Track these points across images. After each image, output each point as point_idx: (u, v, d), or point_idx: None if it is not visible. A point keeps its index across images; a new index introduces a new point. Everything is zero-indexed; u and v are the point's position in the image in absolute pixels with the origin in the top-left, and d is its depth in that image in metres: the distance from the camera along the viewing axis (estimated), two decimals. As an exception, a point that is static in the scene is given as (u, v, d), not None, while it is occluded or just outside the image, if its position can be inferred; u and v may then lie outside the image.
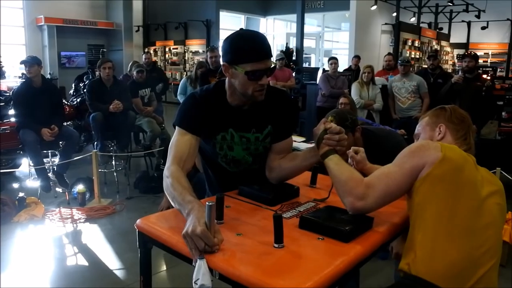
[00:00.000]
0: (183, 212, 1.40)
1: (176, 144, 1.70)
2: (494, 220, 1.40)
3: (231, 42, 1.66)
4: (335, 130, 1.60)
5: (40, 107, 4.71)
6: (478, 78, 5.37)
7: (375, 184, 1.45)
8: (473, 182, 1.42)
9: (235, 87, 1.72)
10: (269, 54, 1.65)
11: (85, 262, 3.49)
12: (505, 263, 3.42)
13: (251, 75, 1.63)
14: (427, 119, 1.72)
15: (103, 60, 5.38)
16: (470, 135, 1.64)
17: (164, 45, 14.40)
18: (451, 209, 1.37)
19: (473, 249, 1.33)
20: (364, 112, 5.79)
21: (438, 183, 1.39)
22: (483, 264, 1.33)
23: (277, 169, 1.84)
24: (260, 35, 1.69)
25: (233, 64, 1.65)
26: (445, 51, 12.92)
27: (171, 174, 1.59)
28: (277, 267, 1.24)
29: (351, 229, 1.39)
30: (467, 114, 1.72)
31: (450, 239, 1.35)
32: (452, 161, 1.41)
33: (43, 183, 4.81)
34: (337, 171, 1.53)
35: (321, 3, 13.75)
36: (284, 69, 7.61)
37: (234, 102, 1.78)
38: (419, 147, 1.49)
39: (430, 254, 1.35)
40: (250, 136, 1.83)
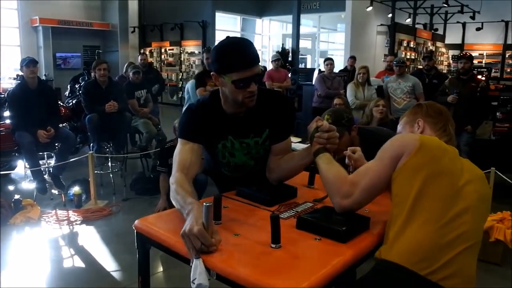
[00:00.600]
0: (184, 213, 1.42)
1: (179, 153, 1.75)
2: (470, 206, 1.41)
3: (217, 52, 1.70)
4: (325, 128, 1.64)
5: (35, 109, 4.69)
6: (473, 79, 5.40)
7: (359, 181, 1.49)
8: (450, 170, 1.44)
9: (226, 95, 1.75)
10: (254, 61, 1.67)
11: (81, 264, 3.48)
12: (501, 262, 3.45)
13: (238, 83, 1.66)
14: (405, 118, 1.76)
15: (98, 61, 5.37)
16: (449, 126, 1.67)
17: (160, 46, 14.39)
18: (423, 197, 1.39)
19: (443, 233, 1.35)
20: (359, 113, 5.80)
21: (413, 173, 1.42)
22: (454, 248, 1.34)
23: (277, 169, 1.87)
24: (245, 43, 1.70)
25: (220, 73, 1.69)
26: (440, 52, 12.98)
27: (175, 181, 1.62)
28: (275, 267, 1.25)
29: (347, 230, 1.40)
30: (444, 107, 1.77)
31: (420, 224, 1.37)
32: (429, 150, 1.44)
33: (39, 185, 4.79)
34: (325, 171, 1.58)
35: (317, 4, 13.78)
36: (280, 70, 7.62)
37: (230, 110, 1.81)
38: (397, 138, 1.54)
39: (399, 238, 1.37)
40: (250, 141, 1.86)
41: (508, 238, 3.43)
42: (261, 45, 16.34)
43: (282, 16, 14.68)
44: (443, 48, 13.21)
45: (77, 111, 6.14)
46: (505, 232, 3.44)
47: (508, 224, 3.57)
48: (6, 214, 4.25)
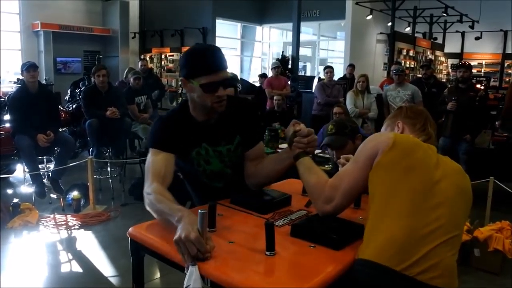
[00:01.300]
0: (173, 220, 1.40)
1: (152, 164, 1.70)
2: (448, 199, 1.40)
3: (186, 57, 1.72)
4: (304, 133, 1.65)
5: (35, 113, 4.71)
6: (471, 88, 5.42)
7: (338, 185, 1.51)
8: (424, 164, 1.43)
9: (195, 100, 1.76)
10: (222, 66, 1.69)
11: (79, 269, 3.48)
12: (499, 271, 3.45)
13: (206, 87, 1.67)
14: (387, 121, 1.77)
15: (97, 67, 5.39)
16: (428, 126, 1.66)
17: (160, 52, 14.41)
18: (396, 192, 1.39)
19: (418, 227, 1.34)
20: (359, 121, 5.82)
21: (386, 170, 1.42)
22: (430, 242, 1.33)
23: (254, 175, 1.88)
24: (213, 48, 1.73)
25: (189, 78, 1.70)
26: (440, 60, 13.02)
27: (153, 190, 1.58)
28: (269, 275, 1.26)
29: (342, 237, 1.41)
30: (424, 109, 1.78)
31: (393, 219, 1.36)
32: (401, 145, 1.44)
33: (37, 189, 4.79)
34: (305, 176, 1.60)
35: (317, 12, 13.83)
36: (279, 77, 7.65)
37: (199, 117, 1.81)
38: (371, 138, 1.54)
39: (373, 236, 1.36)
40: (222, 149, 1.86)
41: (507, 248, 3.43)
42: (261, 53, 16.38)
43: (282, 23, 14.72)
44: (442, 57, 13.26)
45: (77, 115, 6.16)
46: (504, 242, 3.44)
47: (507, 233, 3.57)
48: (4, 218, 4.25)
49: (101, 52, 13.20)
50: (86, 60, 13.05)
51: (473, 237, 3.49)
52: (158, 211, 1.51)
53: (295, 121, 1.70)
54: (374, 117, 5.88)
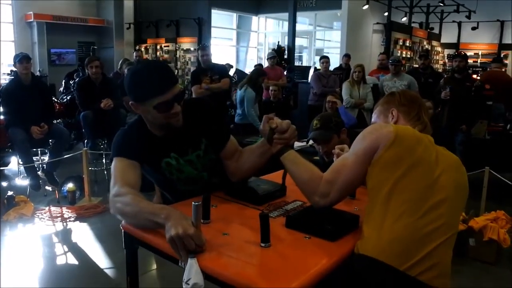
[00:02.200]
0: (157, 219, 1.35)
1: (119, 170, 1.62)
2: (448, 196, 1.39)
3: (131, 81, 1.64)
4: (283, 129, 1.59)
5: (29, 105, 4.66)
6: (468, 78, 5.41)
7: (335, 179, 1.47)
8: (426, 161, 1.41)
9: (151, 121, 1.70)
10: (172, 83, 1.62)
11: (75, 262, 3.47)
12: (494, 261, 3.46)
13: (160, 108, 1.60)
14: (379, 107, 1.72)
15: (90, 58, 5.34)
16: (422, 114, 1.63)
17: (156, 42, 14.31)
18: (399, 190, 1.37)
19: (421, 226, 1.33)
20: (355, 111, 5.81)
21: (389, 166, 1.39)
22: (433, 240, 1.33)
23: (237, 171, 1.83)
24: (159, 65, 1.69)
25: (139, 102, 1.63)
26: (436, 51, 12.99)
27: (128, 192, 1.51)
28: (264, 267, 1.25)
29: (337, 228, 1.40)
30: (417, 94, 1.74)
31: (397, 217, 1.34)
32: (403, 142, 1.41)
33: (32, 181, 4.77)
34: (296, 171, 1.55)
35: (313, 2, 13.75)
36: (275, 68, 7.61)
37: (158, 133, 1.73)
38: (371, 130, 1.50)
39: (376, 232, 1.35)
40: (191, 157, 1.80)
41: (502, 237, 3.44)
42: (257, 43, 16.31)
43: (278, 13, 14.65)
44: (439, 47, 13.23)
45: (71, 107, 6.12)
46: (499, 232, 3.45)
47: (502, 223, 3.58)
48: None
49: (96, 43, 13.11)
50: (80, 51, 12.96)
51: (468, 227, 3.50)
52: (137, 212, 1.43)
53: (268, 116, 1.64)
54: (370, 108, 5.85)
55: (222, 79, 5.58)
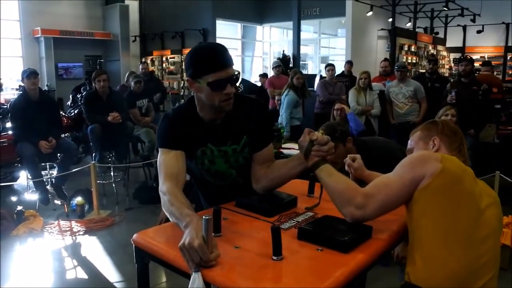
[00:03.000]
0: (180, 225, 1.39)
1: (164, 163, 1.69)
2: (493, 231, 1.40)
3: (191, 57, 1.68)
4: (323, 141, 1.59)
5: (37, 120, 4.70)
6: (474, 82, 5.38)
7: (375, 194, 1.45)
8: (472, 194, 1.41)
9: (203, 101, 1.72)
10: (228, 63, 1.65)
11: (84, 275, 3.47)
12: (507, 267, 3.41)
13: (214, 85, 1.63)
14: (419, 133, 1.72)
15: (98, 72, 5.38)
16: (464, 147, 1.64)
17: (161, 54, 14.42)
18: (450, 220, 1.36)
19: (473, 260, 1.33)
20: (362, 118, 5.78)
21: (437, 195, 1.39)
22: (483, 275, 1.33)
23: (264, 179, 1.83)
24: (217, 45, 1.70)
25: (195, 77, 1.66)
26: (442, 55, 12.95)
27: (168, 191, 1.58)
28: (277, 281, 1.23)
29: (350, 239, 1.38)
30: (458, 128, 1.74)
31: (450, 250, 1.34)
32: (451, 173, 1.40)
33: (41, 196, 4.79)
34: (332, 182, 1.53)
35: (317, 10, 13.80)
36: (281, 77, 7.61)
37: (206, 117, 1.78)
38: (420, 157, 1.49)
39: (429, 263, 1.34)
40: (228, 149, 1.82)
41: (515, 242, 3.39)
42: (262, 52, 16.36)
43: (282, 22, 14.70)
44: (444, 52, 13.19)
45: (79, 121, 6.15)
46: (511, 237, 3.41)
47: (514, 228, 3.53)
48: (9, 225, 4.24)
49: (102, 56, 13.23)
50: (87, 65, 13.08)
51: (481, 233, 3.45)
52: (170, 213, 1.51)
53: (309, 129, 1.65)
54: (377, 114, 5.84)
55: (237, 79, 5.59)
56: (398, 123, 5.82)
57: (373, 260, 1.40)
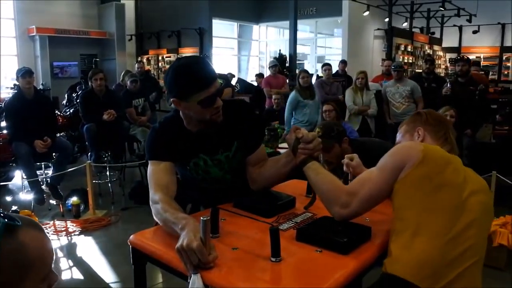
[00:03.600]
0: (176, 228, 1.37)
1: (153, 174, 1.68)
2: (476, 219, 1.38)
3: (174, 78, 1.63)
4: (308, 140, 1.59)
5: (32, 119, 4.66)
6: (471, 82, 5.39)
7: (358, 191, 1.46)
8: (453, 183, 1.40)
9: (191, 116, 1.71)
10: (214, 77, 1.63)
11: (80, 276, 3.44)
12: (504, 267, 3.41)
13: (205, 103, 1.61)
14: (404, 126, 1.72)
15: (94, 71, 5.35)
16: (450, 135, 1.63)
17: (157, 53, 14.40)
18: (428, 210, 1.35)
19: (450, 248, 1.31)
20: (358, 118, 5.79)
21: (416, 185, 1.38)
22: (461, 263, 1.31)
23: (259, 179, 1.82)
24: (199, 61, 1.67)
25: (182, 98, 1.63)
26: (438, 55, 13.00)
27: (160, 199, 1.56)
28: (275, 282, 1.22)
29: (349, 241, 1.37)
30: (444, 116, 1.74)
31: (426, 239, 1.33)
32: (432, 162, 1.39)
33: (36, 195, 4.75)
34: (317, 181, 1.55)
35: (314, 10, 13.81)
36: (278, 76, 7.60)
37: (194, 129, 1.76)
38: (400, 148, 1.49)
39: (404, 252, 1.33)
40: (220, 157, 1.81)
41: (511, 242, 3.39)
42: (259, 51, 16.35)
43: (279, 22, 14.71)
44: (440, 52, 13.24)
45: (74, 120, 6.11)
46: (509, 237, 3.41)
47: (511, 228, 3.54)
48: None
49: (98, 55, 13.18)
50: (83, 64, 13.02)
51: (478, 233, 3.46)
52: (163, 220, 1.48)
53: (296, 126, 1.65)
54: (374, 114, 5.84)
55: (224, 88, 5.56)
56: (394, 122, 5.82)
57: (373, 262, 1.39)
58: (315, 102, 5.70)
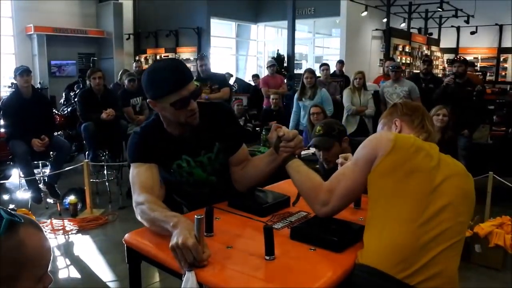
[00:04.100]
0: (167, 226, 1.37)
1: (137, 176, 1.67)
2: (450, 202, 1.36)
3: (148, 79, 1.66)
4: (289, 138, 1.61)
5: (30, 118, 4.66)
6: (468, 83, 5.41)
7: (335, 187, 1.48)
8: (424, 168, 1.39)
9: (168, 118, 1.72)
10: (187, 79, 1.64)
11: (77, 275, 3.44)
12: (501, 267, 3.43)
13: (178, 104, 1.62)
14: (383, 119, 1.72)
15: (93, 70, 5.35)
16: (426, 122, 1.62)
17: (155, 52, 14.36)
18: (397, 196, 1.35)
19: (421, 233, 1.30)
20: (356, 118, 5.80)
21: (387, 174, 1.38)
22: (434, 247, 1.30)
23: (243, 179, 1.84)
24: (174, 63, 1.69)
25: (157, 99, 1.65)
26: (435, 56, 13.01)
27: (145, 200, 1.55)
28: (269, 280, 1.23)
29: (342, 239, 1.38)
30: (419, 104, 1.75)
31: (395, 225, 1.33)
32: (402, 150, 1.40)
33: (34, 194, 4.75)
34: (298, 180, 1.57)
35: (312, 10, 13.80)
36: (275, 76, 7.61)
37: (175, 132, 1.77)
38: (370, 139, 1.50)
39: (374, 241, 1.33)
40: (202, 159, 1.82)
41: (508, 243, 3.41)
42: (257, 51, 16.35)
43: (277, 21, 14.69)
44: (438, 52, 13.26)
45: (72, 119, 6.11)
46: (505, 237, 3.43)
47: (508, 229, 3.55)
48: (0, 224, 4.20)
49: (96, 54, 13.15)
50: (80, 63, 12.99)
51: (473, 233, 3.48)
52: (151, 219, 1.48)
53: (276, 125, 1.67)
54: (371, 114, 5.85)
55: (222, 88, 5.57)
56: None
57: (366, 260, 1.39)
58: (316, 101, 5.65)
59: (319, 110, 4.79)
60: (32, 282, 0.92)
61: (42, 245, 0.94)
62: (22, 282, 0.90)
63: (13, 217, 0.90)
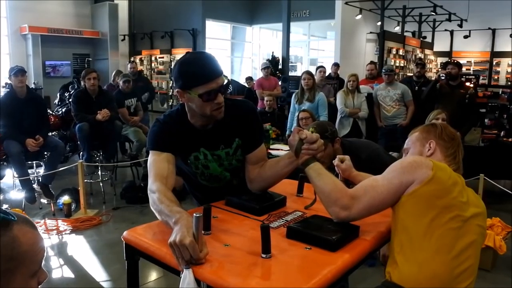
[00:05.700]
0: (170, 222, 1.40)
1: (154, 164, 1.70)
2: (475, 240, 1.44)
3: (180, 68, 1.68)
4: (312, 140, 1.60)
5: (24, 118, 4.66)
6: (461, 86, 5.47)
7: (361, 196, 1.48)
8: (459, 203, 1.44)
9: (194, 110, 1.74)
10: (218, 73, 1.66)
11: (71, 275, 3.45)
12: (490, 267, 3.47)
13: (205, 96, 1.64)
14: (417, 134, 1.72)
15: (88, 70, 5.35)
16: (459, 154, 1.65)
17: (150, 54, 14.36)
18: (435, 226, 1.40)
19: (455, 266, 1.37)
20: (349, 120, 5.83)
21: (424, 201, 1.42)
22: (462, 281, 1.37)
23: (257, 179, 1.85)
24: (206, 55, 1.71)
25: (185, 89, 1.67)
26: (429, 59, 13.09)
27: (157, 189, 1.59)
28: (265, 278, 1.25)
29: (338, 238, 1.40)
30: (458, 133, 1.75)
31: (433, 254, 1.38)
32: (440, 182, 1.43)
33: (27, 194, 4.74)
34: (320, 181, 1.56)
35: (307, 12, 13.86)
36: (270, 78, 7.64)
37: (198, 123, 1.79)
38: (411, 163, 1.50)
39: (412, 265, 1.38)
40: (220, 153, 1.84)
41: (498, 244, 3.45)
42: (252, 53, 16.38)
43: (272, 24, 14.74)
44: (432, 56, 13.34)
45: (66, 119, 6.10)
46: (495, 239, 3.47)
47: (498, 230, 3.60)
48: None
49: (91, 55, 13.11)
50: (75, 63, 12.94)
51: (465, 235, 3.51)
52: (159, 211, 1.51)
53: (298, 128, 1.68)
54: (364, 117, 5.89)
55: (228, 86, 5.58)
56: (385, 125, 5.89)
57: (360, 259, 1.43)
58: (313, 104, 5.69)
59: (308, 115, 4.80)
60: (27, 277, 0.95)
61: (36, 242, 0.97)
62: (17, 278, 0.93)
63: (6, 215, 0.92)
